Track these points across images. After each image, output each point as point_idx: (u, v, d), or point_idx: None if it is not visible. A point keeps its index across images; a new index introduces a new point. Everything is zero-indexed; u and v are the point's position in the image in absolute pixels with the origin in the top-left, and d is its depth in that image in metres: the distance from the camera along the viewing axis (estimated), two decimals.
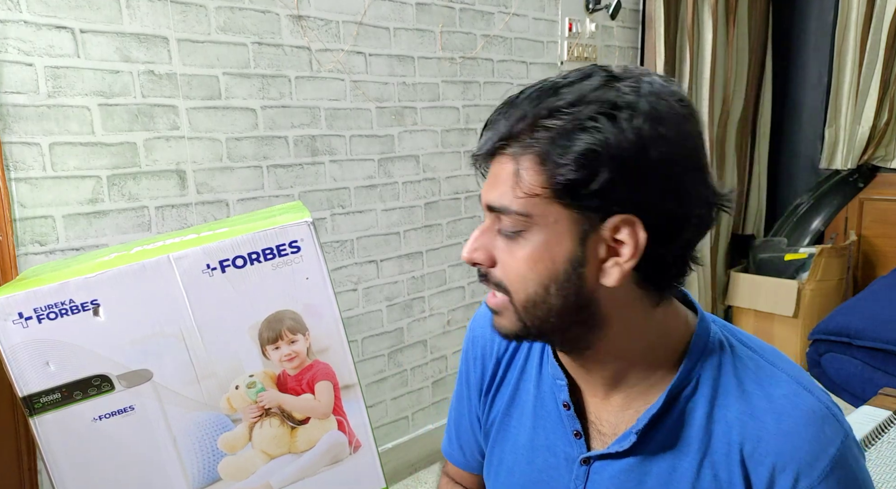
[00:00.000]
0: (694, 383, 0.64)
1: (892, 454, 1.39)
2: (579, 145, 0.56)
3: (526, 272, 0.61)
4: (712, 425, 0.63)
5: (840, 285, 3.05)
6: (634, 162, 0.56)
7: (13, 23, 1.32)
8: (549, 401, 0.72)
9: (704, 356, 0.65)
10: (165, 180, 1.56)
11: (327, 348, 0.79)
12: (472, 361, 0.83)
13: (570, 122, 0.56)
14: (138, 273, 0.72)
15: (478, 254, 0.64)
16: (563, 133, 0.56)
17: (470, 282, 2.33)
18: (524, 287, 0.61)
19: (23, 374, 0.71)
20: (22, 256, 1.37)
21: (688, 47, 2.83)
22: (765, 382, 0.63)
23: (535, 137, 0.58)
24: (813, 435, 0.60)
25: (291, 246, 0.76)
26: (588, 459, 0.68)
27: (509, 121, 0.60)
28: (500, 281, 0.63)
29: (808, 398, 0.62)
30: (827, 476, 0.59)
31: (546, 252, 0.60)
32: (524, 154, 0.58)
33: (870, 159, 3.23)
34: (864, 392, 2.35)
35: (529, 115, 0.59)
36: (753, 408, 0.62)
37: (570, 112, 0.57)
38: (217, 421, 0.76)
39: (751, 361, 0.65)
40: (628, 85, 0.58)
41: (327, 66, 1.83)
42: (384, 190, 2.03)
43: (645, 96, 0.57)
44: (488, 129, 0.62)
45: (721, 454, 0.62)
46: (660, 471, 0.64)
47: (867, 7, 3.07)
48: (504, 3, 2.27)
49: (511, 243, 0.61)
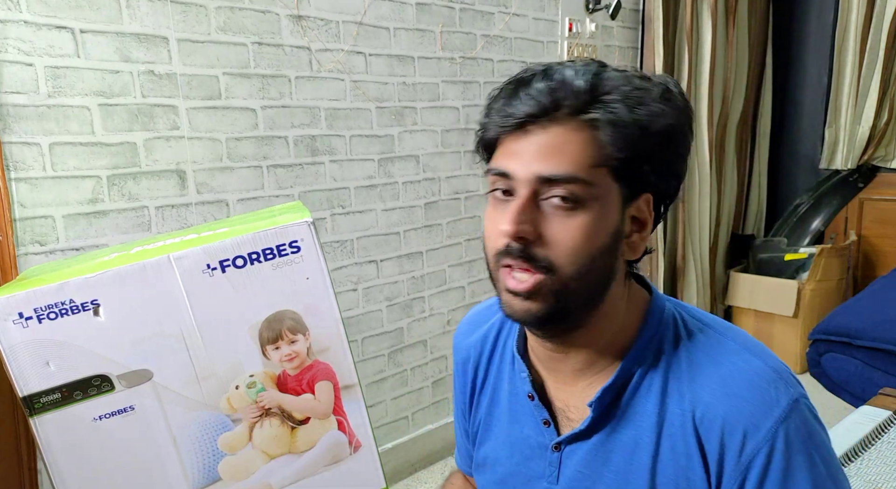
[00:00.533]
0: (649, 359, 0.66)
1: (892, 454, 1.39)
2: (646, 121, 0.59)
3: (580, 244, 0.60)
4: (667, 398, 0.64)
5: (840, 285, 3.05)
6: (674, 145, 0.61)
7: (13, 23, 1.32)
8: (521, 396, 0.74)
9: (658, 332, 0.67)
10: (165, 180, 1.56)
11: (327, 348, 0.79)
12: (459, 369, 0.85)
13: (636, 99, 0.59)
14: (138, 273, 0.72)
15: (526, 226, 0.59)
16: (631, 108, 0.59)
17: (470, 282, 2.33)
18: (574, 260, 0.60)
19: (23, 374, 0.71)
20: (22, 256, 1.37)
21: (686, 47, 2.83)
22: (713, 351, 0.65)
23: (606, 109, 0.58)
24: (758, 397, 0.61)
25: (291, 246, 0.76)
26: (559, 445, 0.70)
27: (564, 93, 0.58)
28: (544, 256, 0.60)
29: (755, 362, 0.63)
30: (773, 436, 0.59)
31: (601, 223, 0.61)
32: (592, 125, 0.59)
33: (870, 159, 3.23)
34: (864, 392, 2.35)
35: (594, 89, 0.59)
36: (703, 377, 0.63)
37: (632, 90, 0.59)
38: (217, 421, 0.76)
39: (701, 334, 0.67)
40: (657, 76, 0.63)
41: (327, 66, 1.83)
42: (384, 190, 2.03)
43: (675, 88, 0.63)
44: (527, 95, 0.59)
45: (676, 426, 0.63)
46: (623, 447, 0.66)
47: (867, 7, 3.07)
48: (504, 3, 2.27)
49: (564, 215, 0.59)
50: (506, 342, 0.79)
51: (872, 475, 1.32)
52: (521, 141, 0.60)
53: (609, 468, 0.66)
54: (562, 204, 0.59)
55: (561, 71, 0.60)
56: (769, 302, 2.99)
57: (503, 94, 0.62)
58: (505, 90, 0.62)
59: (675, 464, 0.63)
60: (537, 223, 0.60)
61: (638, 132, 0.59)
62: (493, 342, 0.80)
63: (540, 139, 0.59)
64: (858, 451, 1.40)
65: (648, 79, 0.62)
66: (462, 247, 2.29)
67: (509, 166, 0.60)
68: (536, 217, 0.60)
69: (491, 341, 0.80)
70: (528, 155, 0.59)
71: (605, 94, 0.59)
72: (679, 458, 0.63)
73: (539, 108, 0.59)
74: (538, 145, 0.59)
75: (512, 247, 0.60)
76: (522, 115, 0.59)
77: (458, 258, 2.28)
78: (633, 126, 0.59)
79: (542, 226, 0.60)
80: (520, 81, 0.61)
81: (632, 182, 0.61)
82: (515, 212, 0.59)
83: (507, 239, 0.60)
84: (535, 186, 0.59)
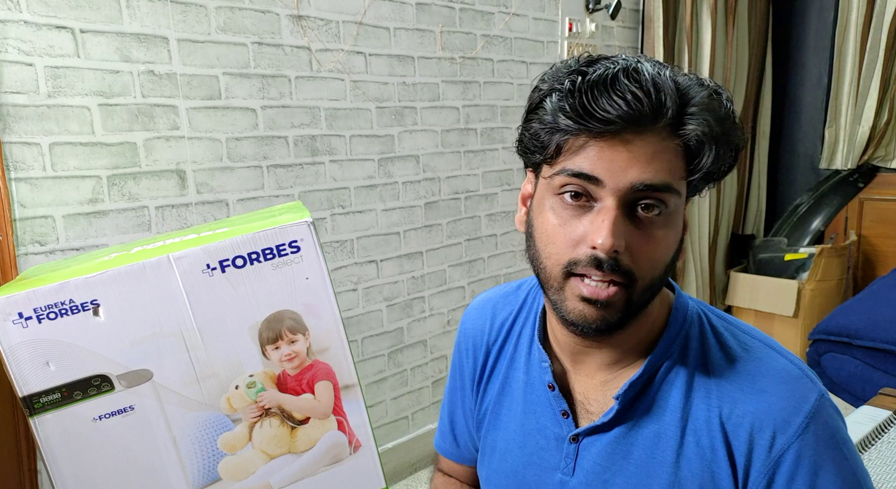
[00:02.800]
0: (674, 354, 0.66)
1: (892, 454, 1.39)
2: (734, 139, 0.59)
3: (661, 254, 0.60)
4: (692, 393, 0.65)
5: (840, 285, 3.05)
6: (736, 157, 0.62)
7: (13, 23, 1.32)
8: (538, 386, 0.73)
9: (683, 328, 0.67)
10: (165, 180, 1.56)
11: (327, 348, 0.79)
12: (464, 353, 0.84)
13: (721, 113, 0.59)
14: (138, 273, 0.72)
15: (621, 240, 0.57)
16: (722, 123, 0.58)
17: (470, 282, 2.33)
18: (653, 271, 0.60)
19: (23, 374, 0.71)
20: (22, 256, 1.37)
21: (686, 47, 2.83)
22: (739, 349, 0.66)
23: (703, 122, 0.57)
24: (787, 393, 0.61)
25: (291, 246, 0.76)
26: (576, 437, 0.70)
27: (661, 97, 0.56)
28: (627, 268, 0.58)
29: (781, 360, 0.64)
30: (803, 432, 0.60)
31: (676, 231, 0.61)
32: (681, 137, 0.58)
33: (870, 159, 3.23)
34: (864, 392, 2.35)
35: (684, 96, 0.58)
36: (730, 374, 0.64)
37: (717, 102, 0.59)
38: (217, 421, 0.76)
39: (726, 332, 0.67)
40: (713, 82, 0.62)
41: (327, 66, 1.83)
42: (384, 190, 2.03)
43: (729, 100, 0.62)
44: (629, 100, 0.55)
45: (701, 421, 0.64)
46: (645, 441, 0.66)
47: (867, 7, 3.07)
48: (504, 3, 2.27)
49: (651, 226, 0.59)
50: (521, 330, 0.78)
51: (872, 475, 1.32)
52: (614, 147, 0.56)
53: (630, 461, 0.66)
54: (650, 214, 0.58)
55: (644, 71, 0.57)
56: (769, 302, 2.99)
57: (576, 90, 0.57)
58: (576, 84, 0.57)
59: (700, 459, 0.63)
60: (627, 235, 0.58)
61: (723, 147, 0.59)
62: (508, 329, 0.80)
63: (636, 147, 0.56)
64: (859, 451, 1.40)
65: (707, 85, 0.60)
66: (462, 247, 2.29)
67: (599, 172, 0.57)
68: (627, 228, 0.58)
69: (507, 328, 0.80)
70: (623, 162, 0.56)
71: (694, 105, 0.58)
72: (704, 453, 0.63)
73: (638, 114, 0.55)
74: (634, 153, 0.56)
75: (601, 259, 0.57)
76: (619, 120, 0.55)
77: (458, 258, 2.28)
78: (721, 140, 0.59)
79: (629, 237, 0.58)
80: (598, 81, 0.56)
81: (694, 190, 0.62)
82: (613, 223, 0.57)
83: (594, 251, 0.58)
84: (628, 196, 0.57)
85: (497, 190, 2.37)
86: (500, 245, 2.42)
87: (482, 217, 2.34)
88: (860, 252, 3.25)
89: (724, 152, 0.59)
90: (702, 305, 0.71)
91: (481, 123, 2.28)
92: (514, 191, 2.43)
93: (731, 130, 0.59)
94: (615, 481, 0.67)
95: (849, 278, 3.11)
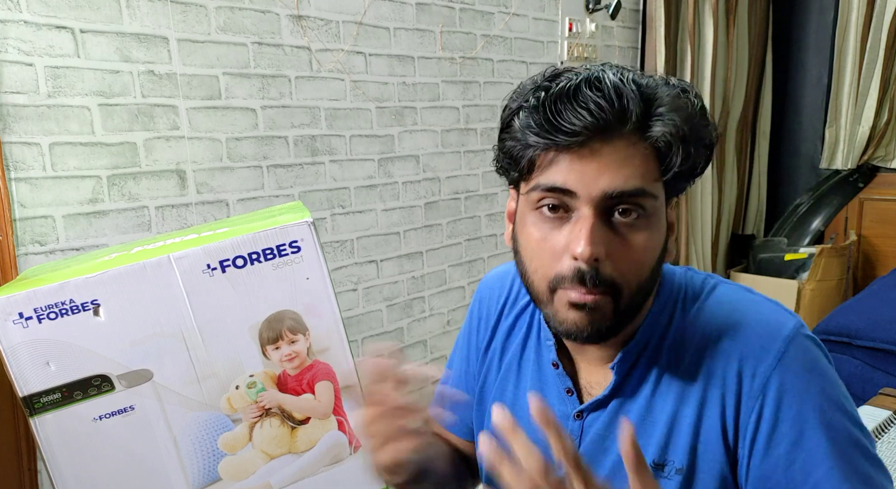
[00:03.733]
0: (664, 322, 0.68)
1: (893, 454, 1.39)
2: (695, 135, 0.59)
3: (644, 258, 0.60)
4: (681, 353, 0.67)
5: (840, 285, 3.05)
6: (712, 155, 0.63)
7: (13, 23, 1.32)
8: (545, 363, 0.75)
9: (671, 298, 0.69)
10: (165, 180, 1.56)
11: (327, 348, 0.79)
12: (476, 321, 0.85)
13: (687, 113, 0.59)
14: (138, 273, 0.72)
15: (601, 247, 0.57)
16: (685, 122, 0.59)
17: (470, 282, 2.33)
18: (639, 275, 0.61)
19: (23, 374, 0.71)
20: (22, 256, 1.37)
21: (689, 47, 2.83)
22: (719, 301, 0.68)
23: (664, 123, 0.58)
24: (763, 324, 0.64)
25: (292, 246, 0.76)
26: (581, 414, 0.71)
27: (624, 104, 0.57)
28: (609, 277, 0.59)
29: (755, 297, 0.67)
30: (782, 358, 0.61)
31: (657, 237, 0.62)
32: (650, 139, 0.58)
33: (870, 159, 3.23)
34: (864, 392, 2.34)
35: (649, 100, 0.58)
36: (713, 326, 0.66)
37: (682, 103, 0.59)
38: (217, 421, 0.77)
39: (708, 289, 0.70)
40: (680, 81, 0.63)
41: (327, 66, 1.83)
42: (384, 190, 2.03)
43: (698, 97, 0.63)
44: (593, 109, 0.56)
45: (690, 378, 0.65)
46: (636, 408, 0.68)
47: (867, 7, 3.07)
48: (504, 3, 2.27)
49: (629, 231, 0.59)
50: (535, 310, 0.78)
51: None
52: (583, 157, 0.57)
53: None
54: (627, 219, 0.59)
55: (606, 78, 0.58)
56: None
57: (541, 105, 0.58)
58: (541, 100, 0.58)
59: (690, 416, 0.65)
60: (607, 242, 0.58)
61: (693, 147, 0.59)
62: (522, 306, 0.80)
63: (605, 155, 0.57)
64: None
65: (674, 85, 0.61)
66: (462, 247, 2.29)
67: (571, 184, 0.58)
68: (605, 235, 0.58)
69: (521, 305, 0.81)
70: (594, 171, 0.57)
71: (660, 106, 0.58)
72: (695, 410, 0.65)
73: (603, 122, 0.56)
74: (603, 162, 0.57)
75: (583, 269, 0.58)
76: (584, 130, 0.56)
77: (458, 258, 2.28)
78: (691, 139, 0.59)
79: (609, 244, 0.58)
80: (569, 93, 0.57)
81: (672, 190, 0.63)
82: (590, 231, 0.57)
83: (576, 261, 0.58)
84: (602, 204, 0.58)
85: (497, 190, 2.37)
86: (500, 245, 2.42)
87: (482, 217, 2.34)
88: (860, 252, 3.25)
89: (695, 150, 0.60)
90: (689, 270, 0.72)
91: (481, 123, 2.28)
92: None
93: (699, 128, 0.60)
94: (614, 448, 0.69)
95: (849, 278, 3.11)
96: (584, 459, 0.51)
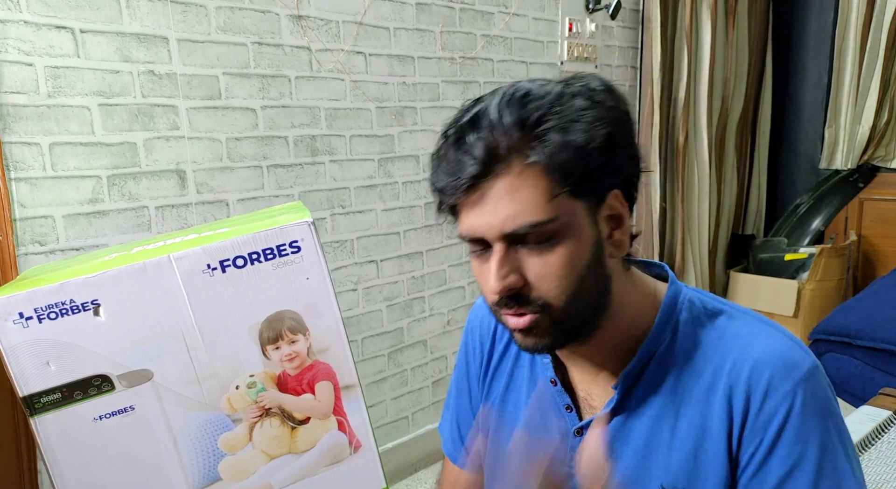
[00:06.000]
0: (666, 340, 0.68)
1: (892, 454, 1.39)
2: (585, 137, 0.58)
3: (565, 273, 0.61)
4: (683, 375, 0.66)
5: (840, 285, 3.05)
6: (620, 145, 0.61)
7: (13, 23, 1.32)
8: (541, 381, 0.75)
9: (674, 315, 0.68)
10: (165, 180, 1.56)
11: (327, 348, 0.79)
12: (471, 352, 0.85)
13: (567, 118, 0.58)
14: (138, 273, 0.72)
15: (512, 278, 0.61)
16: (566, 130, 0.58)
17: (470, 282, 2.33)
18: (564, 290, 0.61)
19: (23, 374, 0.71)
20: (22, 256, 1.37)
21: (685, 47, 2.83)
22: (734, 325, 0.67)
23: (542, 142, 0.58)
24: (780, 359, 0.63)
25: (292, 246, 0.76)
26: (580, 430, 0.71)
27: (497, 139, 0.58)
28: (536, 297, 0.61)
29: (776, 333, 0.66)
30: (793, 397, 0.61)
31: (578, 245, 0.61)
32: (535, 163, 0.58)
33: (870, 159, 3.23)
34: (864, 392, 2.35)
35: (523, 124, 0.58)
36: (721, 349, 0.65)
37: (561, 110, 0.59)
38: (217, 421, 0.76)
39: (721, 314, 0.69)
40: (579, 80, 0.62)
41: (327, 66, 1.83)
42: (384, 190, 2.03)
43: (600, 85, 0.62)
44: (465, 154, 0.59)
45: (694, 400, 0.65)
46: (641, 426, 0.67)
47: (867, 7, 3.07)
48: (504, 3, 2.27)
49: (540, 254, 0.60)
50: None
51: (872, 475, 1.32)
52: (477, 203, 0.60)
53: (629, 446, 0.68)
54: (536, 247, 0.60)
55: (485, 111, 0.60)
56: (769, 302, 2.99)
57: (445, 155, 0.62)
58: (445, 149, 0.62)
59: (693, 438, 0.65)
60: (521, 269, 0.61)
61: (580, 153, 0.58)
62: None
63: (492, 195, 0.59)
64: (858, 451, 1.40)
65: (570, 84, 0.61)
66: (462, 247, 2.29)
67: (476, 230, 0.61)
68: (518, 264, 0.61)
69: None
70: (488, 214, 0.60)
71: (536, 126, 0.58)
72: (695, 432, 0.64)
73: (480, 166, 0.58)
74: (492, 201, 0.59)
75: (502, 300, 0.62)
76: (467, 179, 0.59)
77: (458, 258, 2.28)
78: (573, 151, 0.58)
79: (524, 270, 0.61)
80: (455, 138, 0.60)
81: (592, 192, 0.62)
82: (496, 268, 0.60)
83: (496, 295, 0.61)
84: (506, 240, 0.60)
85: None
86: None
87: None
88: (860, 252, 3.25)
89: (588, 151, 0.58)
90: (698, 291, 0.72)
91: None
92: None
93: (585, 134, 0.58)
94: (616, 467, 0.68)
95: (849, 278, 3.11)
96: None
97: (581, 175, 0.59)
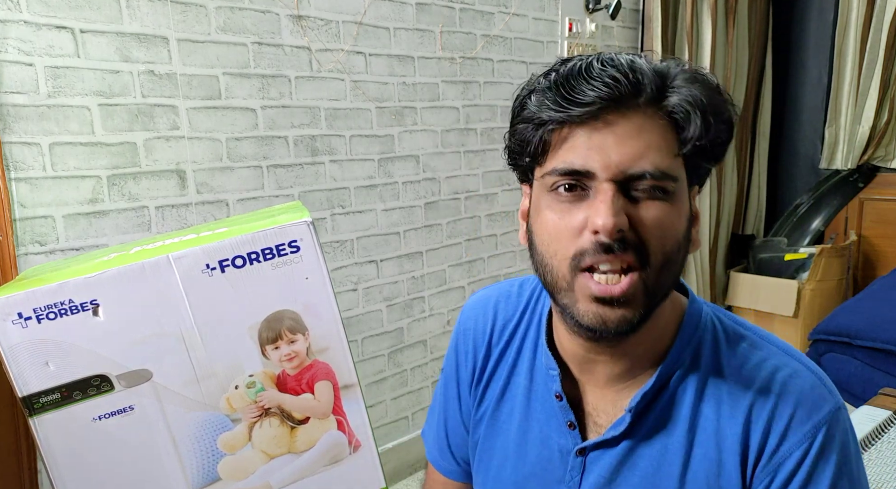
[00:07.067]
0: (686, 363, 0.64)
1: (892, 454, 1.39)
2: (724, 110, 0.58)
3: (669, 233, 0.57)
4: (702, 404, 0.63)
5: (840, 285, 3.05)
6: (731, 138, 0.60)
7: (13, 23, 1.32)
8: (543, 393, 0.71)
9: (696, 335, 0.65)
10: (165, 180, 1.56)
11: (327, 348, 0.79)
12: (462, 356, 0.80)
13: (709, 88, 0.57)
14: (138, 273, 0.72)
15: (623, 218, 0.54)
16: (707, 93, 0.57)
17: (470, 282, 2.33)
18: (664, 247, 0.56)
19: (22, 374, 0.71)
20: (22, 256, 1.37)
21: (686, 47, 2.83)
22: (756, 355, 0.64)
23: (687, 93, 0.56)
24: (802, 400, 0.60)
25: (291, 246, 0.76)
26: (583, 450, 0.67)
27: (637, 74, 0.55)
28: (637, 243, 0.56)
29: (801, 368, 0.63)
30: (811, 439, 0.59)
31: (680, 217, 0.58)
32: (671, 112, 0.56)
33: (870, 159, 3.23)
34: (864, 392, 2.35)
35: (663, 75, 0.56)
36: (743, 382, 0.62)
37: (703, 78, 0.58)
38: (217, 421, 0.76)
39: (742, 339, 0.65)
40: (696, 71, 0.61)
41: (327, 66, 1.83)
42: (384, 190, 2.03)
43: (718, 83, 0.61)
44: (608, 81, 0.54)
45: (710, 432, 0.62)
46: (652, 453, 0.64)
47: (867, 7, 3.07)
48: (504, 3, 2.27)
49: (648, 207, 0.56)
50: (525, 334, 0.75)
51: (872, 475, 1.32)
52: (598, 130, 0.55)
53: (636, 473, 0.64)
54: (647, 196, 0.56)
55: (618, 58, 0.56)
56: (769, 302, 2.99)
57: (553, 84, 0.57)
58: (553, 80, 0.57)
59: (706, 472, 0.62)
60: (629, 212, 0.55)
61: (713, 119, 0.56)
62: (511, 331, 0.76)
63: (620, 128, 0.55)
64: None
65: (687, 66, 0.60)
66: (462, 247, 2.29)
67: (587, 162, 0.55)
68: (627, 206, 0.56)
69: (510, 330, 0.76)
70: (609, 147, 0.55)
71: (674, 79, 0.56)
72: (710, 466, 0.61)
73: (618, 92, 0.54)
74: (619, 135, 0.54)
75: (605, 243, 0.55)
76: (598, 100, 0.54)
77: (458, 258, 2.28)
78: (709, 111, 0.56)
79: (631, 214, 0.56)
80: (573, 71, 0.56)
81: (696, 170, 0.60)
82: (611, 203, 0.54)
83: (597, 236, 0.55)
84: (621, 179, 0.55)
85: (497, 190, 2.37)
86: (500, 245, 2.42)
87: (482, 217, 2.34)
88: (860, 252, 3.25)
89: (714, 123, 0.57)
90: (717, 311, 0.68)
91: (481, 123, 2.28)
92: (515, 191, 2.43)
93: (718, 100, 0.57)
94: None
95: (849, 278, 3.11)
96: None
97: (703, 146, 0.57)
